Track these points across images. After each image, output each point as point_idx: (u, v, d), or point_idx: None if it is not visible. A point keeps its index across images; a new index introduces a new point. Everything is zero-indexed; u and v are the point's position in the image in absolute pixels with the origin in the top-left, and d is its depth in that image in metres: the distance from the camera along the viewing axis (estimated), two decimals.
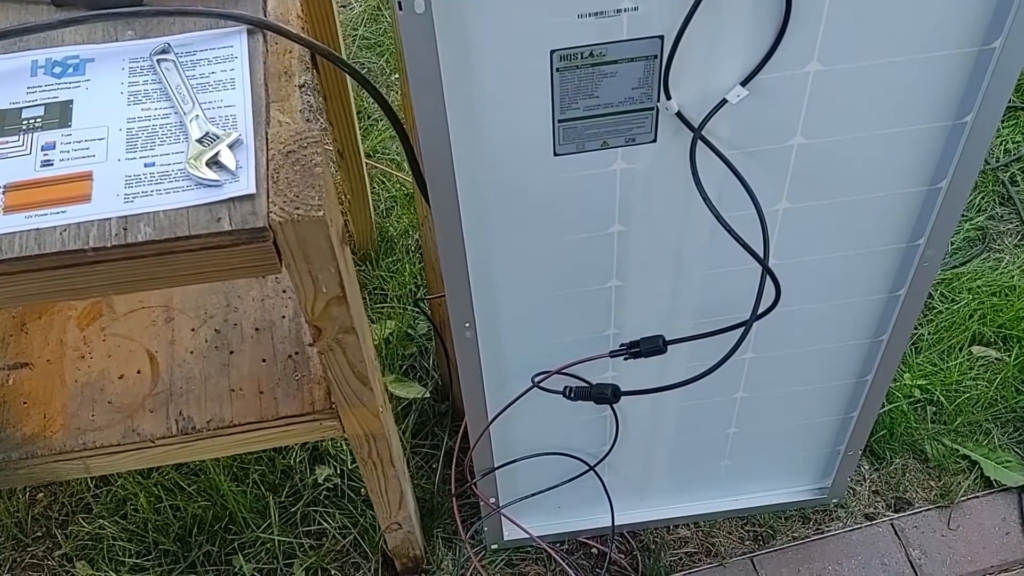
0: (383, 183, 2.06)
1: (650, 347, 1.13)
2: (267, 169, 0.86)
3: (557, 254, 1.15)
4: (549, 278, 1.18)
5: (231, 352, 1.21)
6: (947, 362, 1.79)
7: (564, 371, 1.23)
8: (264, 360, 1.20)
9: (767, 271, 0.99)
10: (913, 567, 1.61)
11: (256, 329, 1.23)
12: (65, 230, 0.83)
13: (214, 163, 0.86)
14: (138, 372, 1.21)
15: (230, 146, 0.87)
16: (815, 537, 1.66)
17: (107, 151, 0.88)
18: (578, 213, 1.10)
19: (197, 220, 0.84)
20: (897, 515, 1.67)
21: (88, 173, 0.87)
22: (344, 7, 2.38)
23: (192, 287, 1.27)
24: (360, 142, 1.73)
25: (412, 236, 1.97)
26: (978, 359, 1.80)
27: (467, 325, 1.19)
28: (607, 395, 1.13)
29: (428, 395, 1.75)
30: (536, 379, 1.24)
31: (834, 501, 1.68)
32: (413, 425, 1.73)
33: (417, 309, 1.83)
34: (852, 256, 1.21)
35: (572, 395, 1.18)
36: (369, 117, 2.17)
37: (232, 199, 0.84)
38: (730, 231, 0.97)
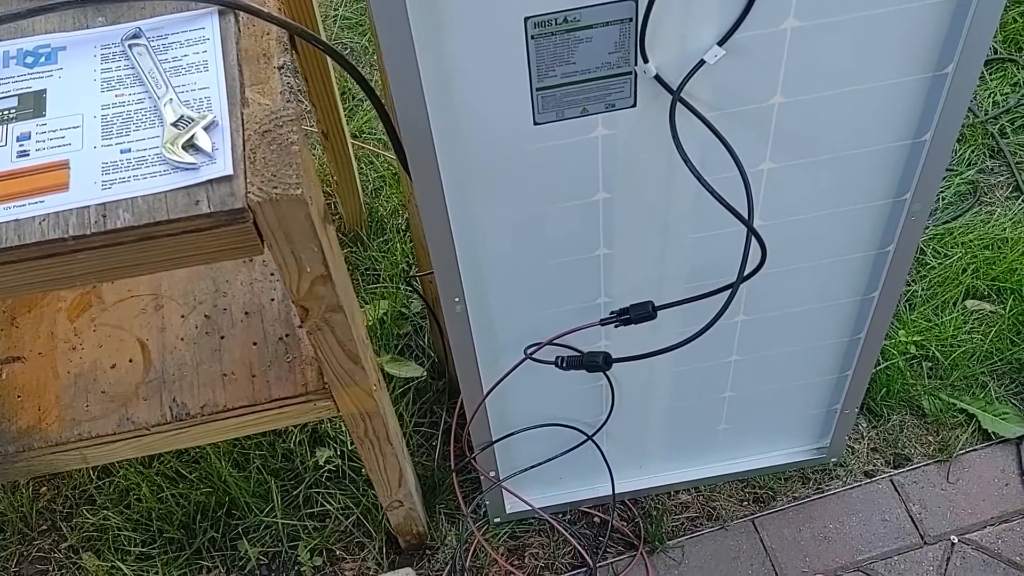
0: (370, 163, 2.06)
1: (640, 313, 1.13)
2: (244, 150, 0.86)
3: (543, 224, 1.14)
4: (537, 249, 1.18)
5: (222, 337, 1.21)
6: (941, 317, 1.79)
7: (556, 342, 1.23)
8: (255, 343, 1.20)
9: (752, 232, 0.98)
10: (914, 521, 1.62)
11: (246, 313, 1.23)
12: (44, 220, 0.83)
13: (190, 146, 0.85)
14: (130, 361, 1.21)
15: (205, 128, 0.86)
16: (815, 496, 1.66)
17: (83, 139, 0.87)
18: (562, 182, 1.09)
19: (175, 204, 0.83)
20: (896, 471, 1.68)
21: (65, 162, 0.86)
22: None
23: (180, 274, 1.26)
24: (344, 123, 1.72)
25: (402, 215, 1.96)
26: (972, 313, 1.80)
27: (456, 300, 1.19)
28: (599, 363, 1.13)
29: (425, 374, 1.76)
30: (528, 351, 1.24)
31: (833, 460, 1.68)
32: (412, 404, 1.73)
33: (409, 288, 1.83)
34: (839, 214, 1.21)
35: (564, 365, 1.18)
36: (354, 98, 2.16)
37: (210, 181, 0.84)
38: (713, 193, 0.97)
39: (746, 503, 1.67)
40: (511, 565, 1.62)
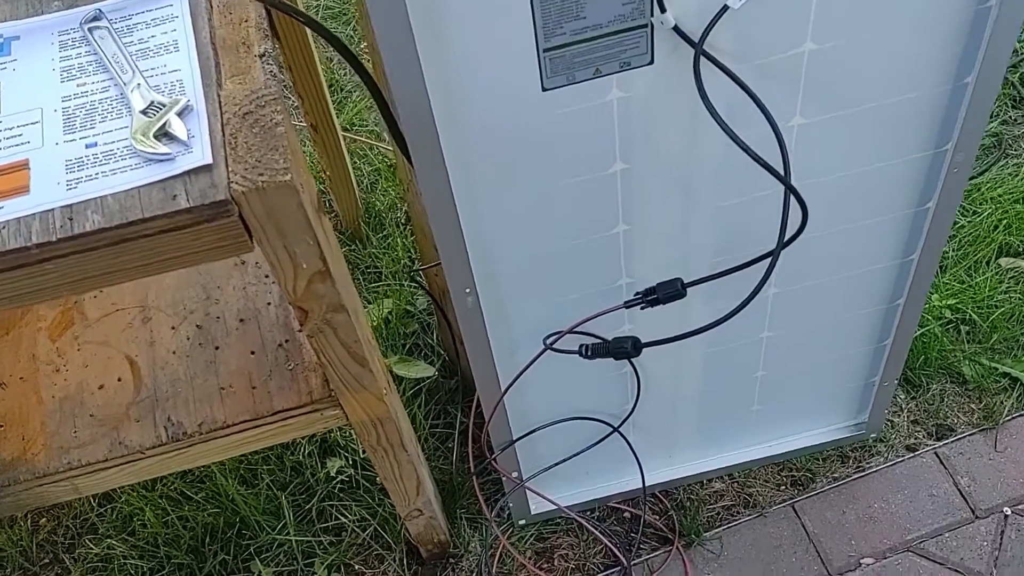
0: (364, 156, 1.96)
1: (668, 292, 1.04)
2: (223, 135, 0.76)
3: (556, 202, 1.05)
4: (550, 230, 1.08)
5: (216, 348, 1.12)
6: (975, 278, 1.70)
7: (577, 330, 1.14)
8: (252, 352, 1.11)
9: (790, 190, 0.89)
10: (963, 495, 1.53)
11: (240, 320, 1.13)
12: (4, 227, 0.74)
13: (163, 135, 0.76)
14: (119, 380, 1.12)
15: (179, 114, 0.77)
16: (856, 476, 1.57)
17: (43, 135, 0.78)
18: (575, 154, 1.00)
19: (150, 200, 0.74)
20: (940, 443, 1.59)
21: (24, 162, 0.77)
22: None
23: (167, 282, 1.17)
24: (334, 114, 1.62)
25: (400, 209, 1.87)
26: (1007, 271, 1.71)
27: (467, 291, 1.10)
28: (627, 348, 1.04)
29: (436, 373, 1.67)
30: (548, 341, 1.15)
31: (872, 436, 1.59)
32: (424, 405, 1.64)
33: (414, 284, 1.74)
34: (875, 170, 1.11)
35: (589, 353, 1.09)
36: (342, 90, 2.06)
37: (187, 173, 0.75)
38: (745, 148, 0.87)
39: (784, 487, 1.58)
40: (540, 569, 1.53)
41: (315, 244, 0.82)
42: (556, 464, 1.46)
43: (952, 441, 1.58)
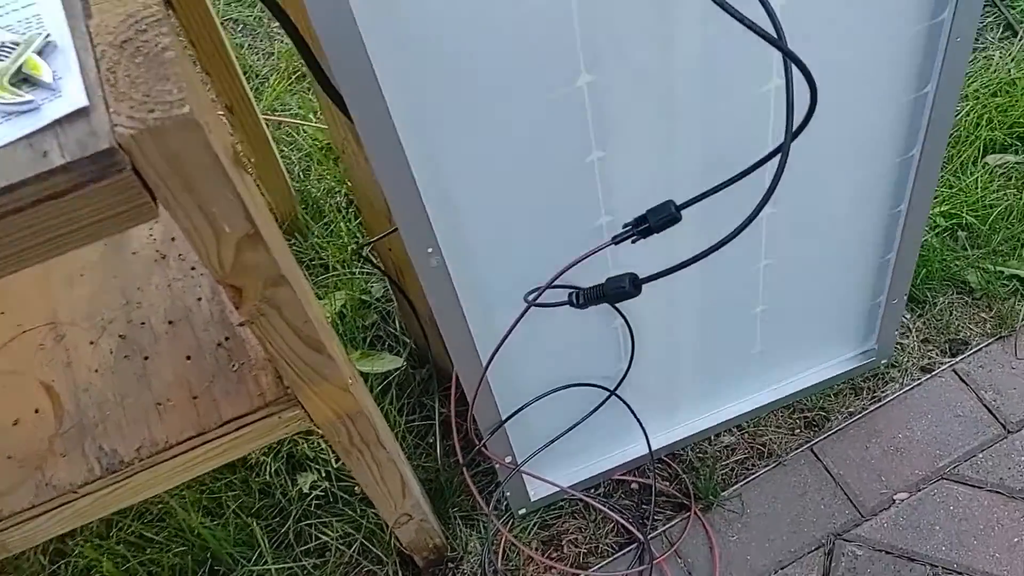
0: (293, 142, 1.80)
1: (662, 217, 0.89)
2: (98, 71, 0.60)
3: (518, 131, 0.90)
4: (515, 166, 0.94)
5: (145, 358, 0.95)
6: (964, 179, 1.59)
7: (558, 284, 0.99)
8: (188, 357, 0.95)
9: (790, 57, 0.75)
10: (990, 410, 1.42)
11: (169, 322, 0.97)
12: None
13: (22, 81, 0.60)
14: (36, 412, 0.95)
15: (39, 52, 0.61)
16: (873, 407, 1.45)
17: None
18: (533, 68, 0.85)
19: (15, 162, 0.58)
20: (956, 359, 1.47)
21: None
22: None
23: (78, 291, 1.00)
24: (250, 93, 1.45)
25: (340, 192, 1.71)
26: (996, 168, 1.60)
27: (430, 251, 0.95)
28: (625, 287, 0.89)
29: (404, 363, 1.51)
30: (530, 297, 1.00)
31: (883, 362, 1.47)
32: (396, 400, 1.48)
33: (367, 266, 1.58)
34: (869, 48, 0.98)
35: (582, 300, 0.94)
36: (257, 76, 1.89)
37: (58, 122, 0.58)
38: (729, 10, 0.72)
39: (798, 430, 1.45)
40: (549, 559, 1.38)
41: (236, 199, 0.66)
42: (552, 441, 1.31)
43: (969, 355, 1.47)
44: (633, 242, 0.92)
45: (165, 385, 0.93)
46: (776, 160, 0.81)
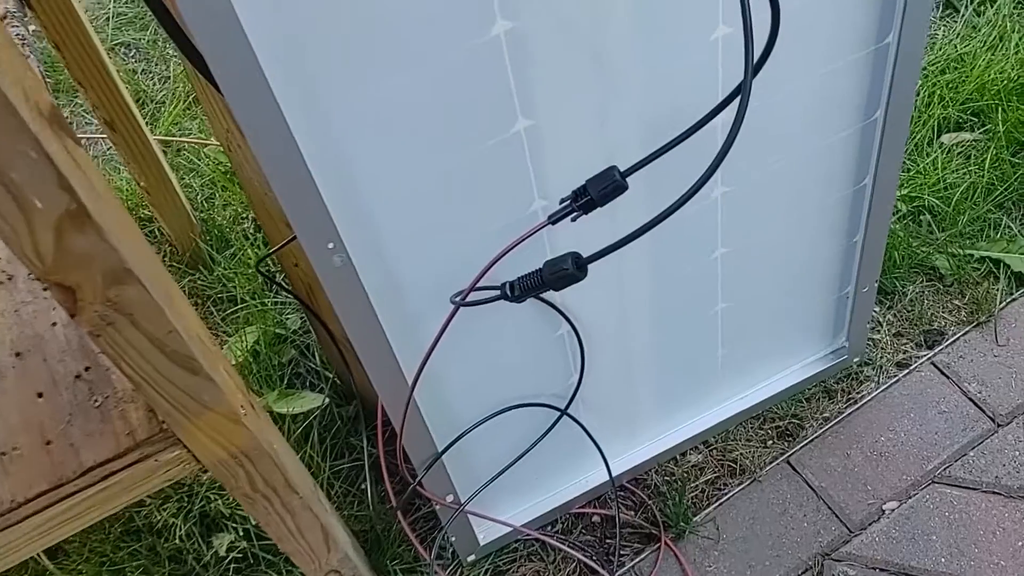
0: (194, 169, 1.63)
1: (605, 187, 0.75)
2: None
3: (428, 97, 0.75)
4: (428, 141, 0.79)
5: None
6: (922, 161, 1.48)
7: (485, 285, 0.84)
8: (40, 395, 0.77)
9: None
10: (976, 404, 1.29)
11: (16, 354, 0.79)
12: None
13: None
14: None
15: None
16: (850, 410, 1.32)
17: None
18: (440, 16, 0.71)
19: None
20: (933, 351, 1.35)
21: None
22: None
23: None
24: (135, 110, 1.29)
25: (248, 218, 1.54)
26: (954, 147, 1.50)
27: (331, 246, 0.79)
28: (568, 268, 0.74)
29: (326, 400, 1.34)
30: (457, 298, 0.85)
31: (856, 360, 1.35)
32: (320, 444, 1.31)
33: (280, 292, 1.41)
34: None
35: (517, 291, 0.78)
36: (153, 101, 1.72)
37: None
38: None
39: (771, 442, 1.31)
40: None
41: (45, 162, 0.49)
42: (499, 474, 1.15)
43: (946, 346, 1.35)
44: (573, 220, 0.77)
45: (11, 429, 0.75)
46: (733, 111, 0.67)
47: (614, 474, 1.23)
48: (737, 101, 0.69)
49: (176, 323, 0.65)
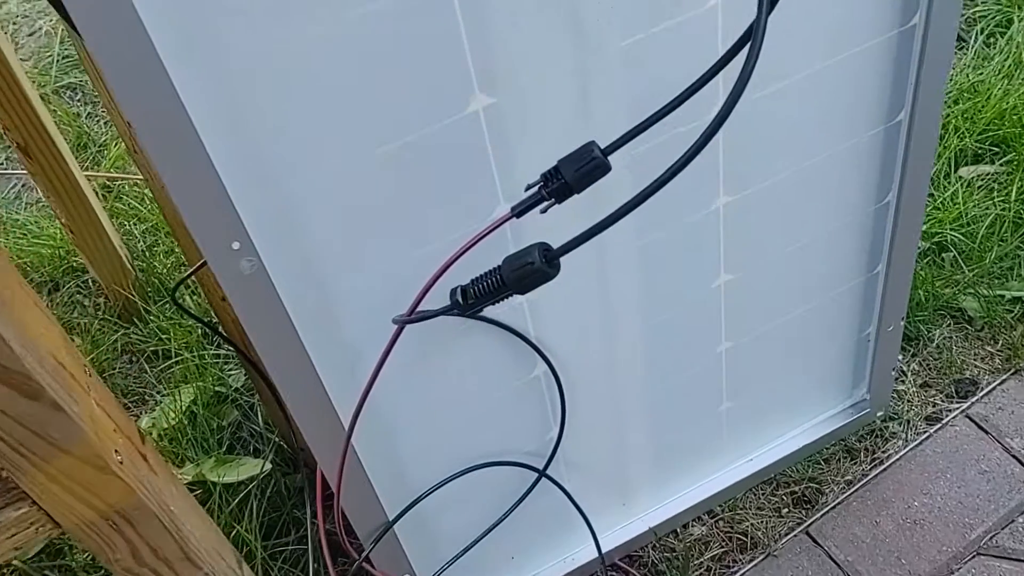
0: (135, 214, 1.47)
1: (582, 167, 0.59)
2: None
3: (366, 63, 0.60)
4: (362, 119, 0.63)
5: None
6: (940, 195, 1.34)
7: (423, 311, 0.67)
8: None
9: None
10: (1020, 461, 1.12)
11: None
12: None
13: None
14: None
15: None
16: (876, 471, 1.14)
17: None
18: None
19: None
20: (967, 403, 1.18)
21: None
22: (32, 35, 1.80)
23: None
24: (54, 131, 1.14)
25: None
26: (974, 180, 1.36)
27: (237, 247, 0.62)
28: (534, 263, 0.57)
29: (268, 467, 1.15)
30: (400, 316, 0.68)
31: (879, 415, 1.17)
32: (259, 516, 1.12)
33: (222, 344, 1.23)
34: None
35: (470, 298, 0.61)
36: (96, 144, 1.58)
37: None
38: None
39: (786, 510, 1.12)
40: None
41: None
42: (466, 550, 0.96)
43: (981, 396, 1.18)
44: (543, 211, 0.61)
45: None
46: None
47: (604, 550, 1.04)
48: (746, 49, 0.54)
49: (9, 332, 0.48)
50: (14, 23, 1.83)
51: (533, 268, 0.57)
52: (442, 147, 0.67)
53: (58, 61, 1.72)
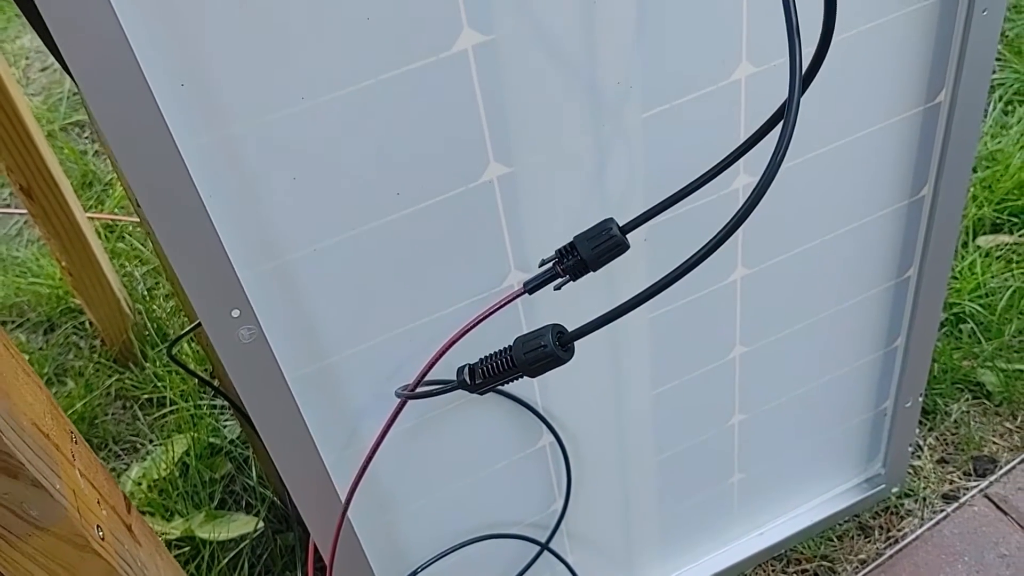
0: (137, 255, 1.45)
1: (600, 244, 0.56)
2: None
3: (379, 130, 0.58)
4: (378, 189, 0.61)
5: None
6: (959, 265, 1.31)
7: (435, 379, 0.64)
8: None
9: None
10: None
11: None
12: None
13: None
14: None
15: None
16: (891, 551, 1.10)
17: None
18: (397, 24, 0.54)
19: None
20: (985, 481, 1.14)
21: None
22: (44, 70, 1.79)
23: None
24: (57, 173, 1.12)
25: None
26: (992, 250, 1.33)
27: (236, 315, 0.59)
28: (547, 346, 0.54)
29: (261, 525, 1.11)
30: (402, 389, 0.65)
31: (895, 491, 1.14)
32: None
33: (217, 395, 1.20)
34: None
35: (478, 379, 0.58)
36: (101, 182, 1.56)
37: None
38: None
39: None
40: None
41: None
42: None
43: (1000, 476, 1.14)
44: (557, 288, 0.59)
45: None
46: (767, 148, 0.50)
47: None
48: (779, 128, 0.52)
49: None
50: (27, 58, 1.83)
51: (546, 352, 0.54)
52: (454, 216, 0.64)
53: (68, 98, 1.70)
